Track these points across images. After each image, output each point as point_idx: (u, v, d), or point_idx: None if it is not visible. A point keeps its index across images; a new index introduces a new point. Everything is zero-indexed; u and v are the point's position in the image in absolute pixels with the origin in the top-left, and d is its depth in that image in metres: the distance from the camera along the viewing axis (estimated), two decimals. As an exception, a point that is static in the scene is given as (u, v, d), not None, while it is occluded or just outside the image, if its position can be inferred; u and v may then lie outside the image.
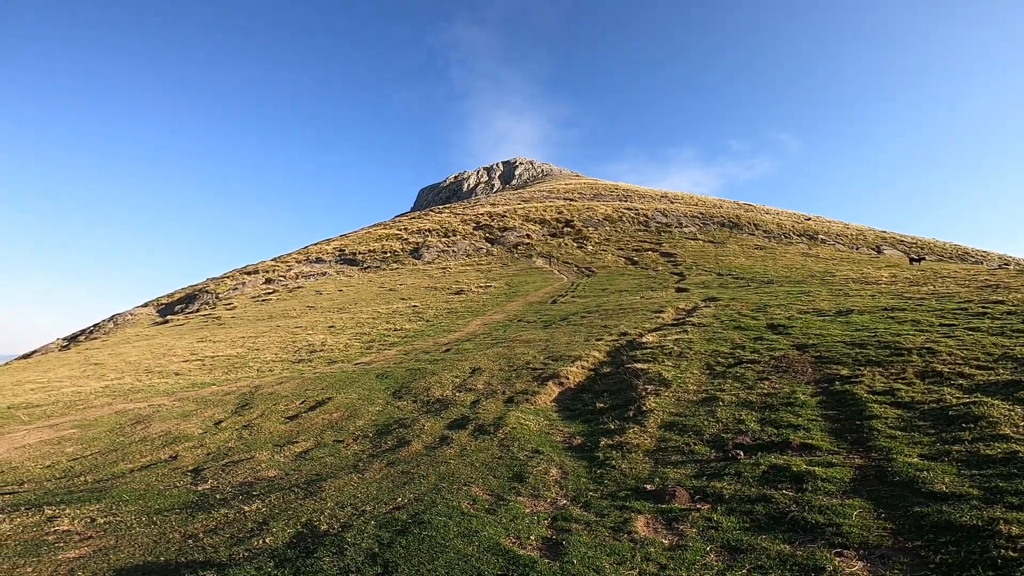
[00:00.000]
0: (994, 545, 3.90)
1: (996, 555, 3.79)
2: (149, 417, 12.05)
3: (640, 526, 4.98)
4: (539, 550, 4.66)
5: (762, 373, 9.53)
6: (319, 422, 10.47)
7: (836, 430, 6.76)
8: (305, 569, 4.47)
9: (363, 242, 51.49)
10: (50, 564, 5.13)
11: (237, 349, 21.21)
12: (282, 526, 5.56)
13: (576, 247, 44.14)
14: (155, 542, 5.59)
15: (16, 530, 6.05)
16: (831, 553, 4.16)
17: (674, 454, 6.75)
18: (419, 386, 12.09)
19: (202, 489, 7.50)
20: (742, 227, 47.97)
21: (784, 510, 4.93)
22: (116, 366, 20.89)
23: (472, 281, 34.37)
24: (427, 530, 4.98)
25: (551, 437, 8.19)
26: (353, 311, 28.21)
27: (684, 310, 18.09)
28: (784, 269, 30.56)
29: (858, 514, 4.70)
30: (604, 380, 10.96)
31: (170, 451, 9.69)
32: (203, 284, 46.65)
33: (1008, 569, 3.66)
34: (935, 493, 4.87)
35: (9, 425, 12.76)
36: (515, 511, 5.47)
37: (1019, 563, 3.68)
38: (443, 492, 6.08)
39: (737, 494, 5.39)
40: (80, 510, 6.58)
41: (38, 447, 10.57)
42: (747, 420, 7.36)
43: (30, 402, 15.39)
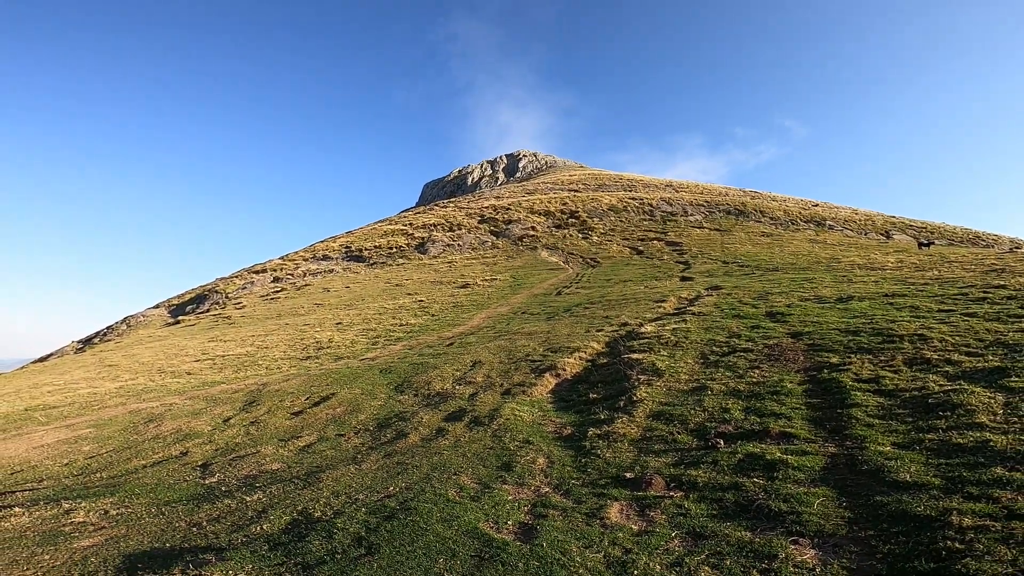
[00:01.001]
0: (942, 536, 4.01)
1: (942, 546, 3.90)
2: (161, 416, 12.43)
3: (614, 512, 5.19)
4: (514, 534, 4.94)
5: (754, 362, 9.64)
6: (323, 417, 10.78)
7: (816, 418, 6.86)
8: (296, 551, 4.83)
9: (369, 238, 51.87)
10: (66, 551, 5.46)
11: (247, 348, 21.64)
12: (279, 514, 5.90)
13: (581, 238, 44.18)
14: (162, 530, 5.94)
15: (35, 522, 6.39)
16: (787, 541, 4.32)
17: (658, 443, 6.93)
18: (420, 380, 12.36)
19: (209, 482, 7.82)
20: (748, 214, 47.69)
21: (752, 498, 5.09)
22: (130, 367, 21.41)
23: (477, 274, 34.59)
24: (412, 516, 5.28)
25: (543, 428, 8.40)
26: (360, 307, 28.57)
27: (686, 299, 18.17)
28: (790, 256, 30.46)
29: (820, 503, 4.84)
30: (600, 371, 11.14)
31: (181, 447, 10.03)
32: (213, 284, 47.34)
33: (950, 561, 3.74)
34: (899, 482, 4.97)
35: (28, 426, 13.23)
36: (498, 498, 5.74)
37: (963, 555, 3.76)
38: (433, 481, 6.36)
39: (711, 482, 5.56)
40: (95, 503, 6.92)
41: (56, 446, 10.97)
42: (732, 409, 7.50)
43: (47, 404, 15.88)
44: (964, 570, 3.61)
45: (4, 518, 6.51)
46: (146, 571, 4.74)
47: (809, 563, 4.04)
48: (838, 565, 3.98)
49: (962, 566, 3.65)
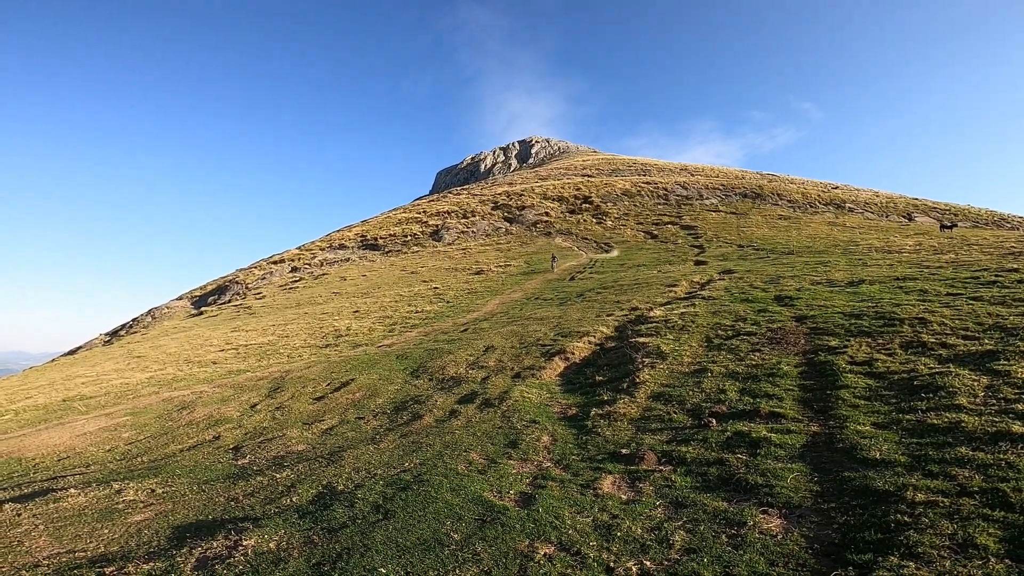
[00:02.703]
0: (894, 510, 4.36)
1: (892, 519, 4.25)
2: (193, 403, 13.15)
3: (606, 484, 5.68)
4: (514, 501, 5.51)
5: (756, 345, 9.94)
6: (343, 401, 11.38)
7: (806, 399, 7.20)
8: (322, 518, 5.45)
9: (384, 227, 52.54)
10: (122, 525, 6.07)
11: (268, 337, 22.42)
12: (306, 488, 6.52)
13: (595, 223, 44.30)
14: (204, 505, 6.56)
15: (91, 502, 7.01)
16: (757, 510, 4.75)
17: (655, 422, 7.36)
18: (435, 365, 12.88)
19: (241, 463, 8.44)
20: (765, 197, 47.25)
21: (733, 472, 5.52)
22: (158, 358, 22.35)
23: (491, 261, 35.03)
24: (424, 487, 5.87)
25: (549, 409, 8.87)
26: (376, 295, 29.24)
27: (698, 283, 18.39)
28: (807, 239, 30.33)
29: (793, 477, 5.23)
30: (608, 354, 11.53)
31: (213, 432, 10.69)
32: (233, 275, 48.54)
33: (897, 532, 4.08)
34: (868, 459, 5.33)
35: (68, 416, 14.07)
36: (503, 472, 6.29)
37: (908, 527, 4.08)
38: (445, 457, 6.93)
39: (698, 458, 5.99)
40: (141, 484, 7.55)
41: (97, 434, 11.71)
42: (729, 390, 7.87)
43: (83, 394, 16.78)
44: (907, 541, 3.94)
45: (62, 499, 7.11)
46: (193, 538, 5.31)
47: (774, 530, 4.45)
48: (798, 533, 4.38)
49: (905, 537, 3.98)
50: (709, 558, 4.15)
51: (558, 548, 4.51)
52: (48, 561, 5.07)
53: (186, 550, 4.98)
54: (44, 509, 6.76)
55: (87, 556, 5.16)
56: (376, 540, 4.83)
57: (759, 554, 4.13)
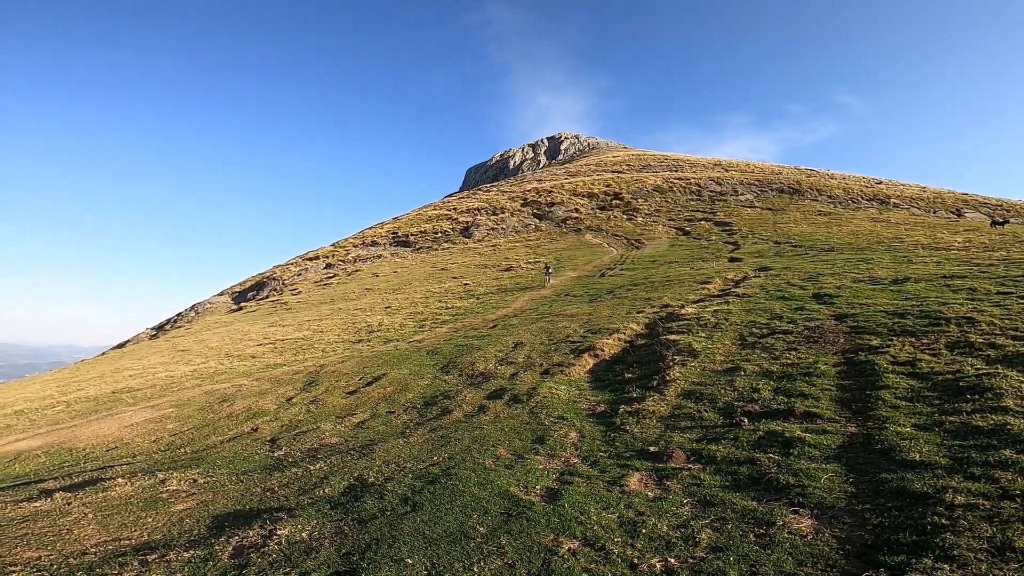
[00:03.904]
0: (932, 512, 4.22)
1: (928, 521, 4.12)
2: (233, 396, 13.61)
3: (633, 481, 5.65)
4: (540, 496, 5.55)
5: (792, 344, 9.69)
6: (375, 396, 11.60)
7: (844, 399, 7.01)
8: (353, 509, 5.61)
9: (415, 224, 53.17)
10: (165, 514, 6.35)
11: (303, 332, 23.02)
12: (338, 480, 6.72)
13: (625, 219, 43.78)
14: (242, 495, 6.81)
15: (137, 491, 7.35)
16: (788, 510, 4.66)
17: (684, 420, 7.27)
18: (465, 361, 13.00)
19: (277, 455, 8.71)
20: (804, 193, 45.80)
21: (764, 472, 5.41)
22: (200, 352, 23.22)
23: (521, 257, 35.05)
24: (452, 480, 5.99)
25: (577, 405, 8.86)
26: (407, 291, 29.65)
27: (732, 280, 18.02)
28: (849, 236, 29.29)
29: (827, 478, 5.11)
30: (638, 352, 11.42)
31: (251, 425, 11.05)
32: (271, 271, 49.96)
33: (932, 534, 3.95)
34: (907, 461, 5.16)
35: (117, 407, 14.77)
36: (530, 467, 6.34)
37: (945, 530, 3.95)
38: (473, 452, 7.03)
39: (728, 456, 5.90)
40: (184, 474, 7.87)
41: (143, 425, 12.25)
42: (762, 389, 7.70)
43: (131, 387, 17.56)
44: (942, 544, 3.82)
45: (110, 488, 7.48)
46: (232, 527, 5.54)
47: (804, 531, 4.36)
48: (829, 533, 4.28)
49: (941, 540, 3.86)
50: (735, 557, 4.10)
51: (582, 543, 4.54)
52: (95, 549, 5.32)
53: (224, 539, 5.20)
54: (93, 498, 7.11)
55: (132, 544, 5.41)
56: (404, 531, 4.95)
57: (787, 554, 4.07)
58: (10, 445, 12.01)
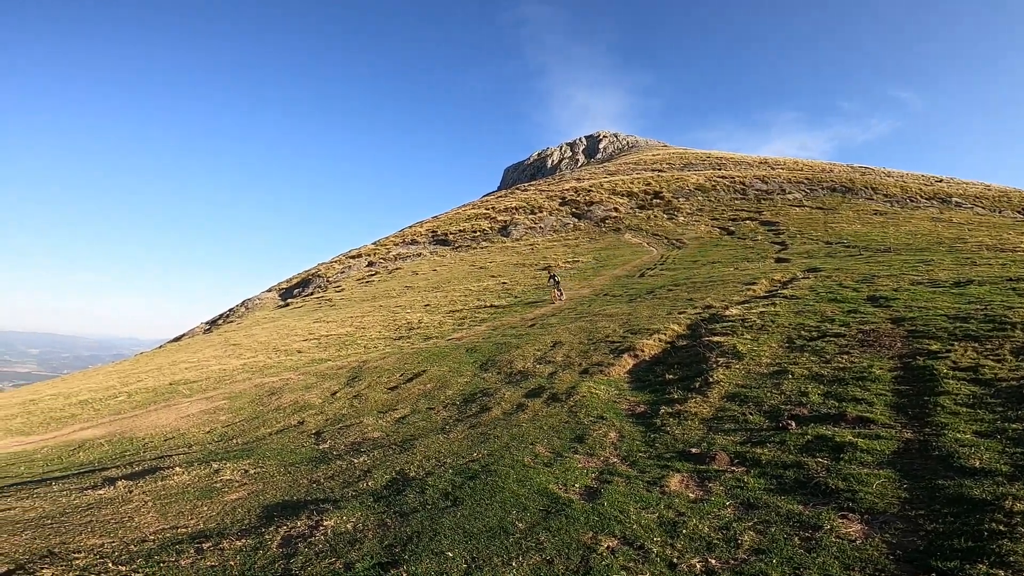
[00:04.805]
0: (989, 518, 4.03)
1: (985, 527, 3.95)
2: (281, 390, 14.12)
3: (674, 482, 5.56)
4: (579, 495, 5.54)
5: (844, 347, 9.32)
6: (415, 392, 11.81)
7: (900, 405, 6.72)
8: (395, 503, 5.75)
9: (453, 222, 53.70)
10: (220, 503, 6.65)
11: (346, 328, 23.63)
12: (381, 473, 6.89)
13: (666, 218, 42.96)
14: (290, 486, 7.06)
15: (193, 480, 7.71)
16: (836, 515, 4.52)
17: (728, 423, 7.10)
18: (503, 359, 13.07)
19: (323, 448, 8.99)
20: (857, 191, 43.78)
21: (812, 476, 5.24)
22: (250, 346, 24.17)
23: (559, 257, 34.90)
24: (491, 477, 6.05)
25: (617, 405, 8.77)
26: (446, 290, 30.00)
27: (779, 281, 17.45)
28: (906, 236, 27.87)
29: (879, 483, 4.93)
30: (679, 353, 11.21)
31: (298, 418, 11.44)
32: (315, 269, 51.49)
33: (989, 540, 3.79)
34: (966, 468, 4.95)
35: (175, 398, 15.55)
36: (568, 465, 6.34)
37: (1002, 536, 3.78)
38: (511, 449, 7.07)
39: (774, 460, 5.74)
40: (236, 464, 8.22)
41: (199, 416, 12.86)
42: (811, 393, 7.44)
43: (187, 379, 18.45)
44: (999, 550, 3.67)
45: (168, 477, 7.88)
46: (280, 518, 5.76)
47: (852, 535, 4.23)
48: (880, 539, 4.14)
49: (997, 546, 3.71)
50: (779, 559, 4.01)
51: (621, 542, 4.52)
52: (154, 536, 5.58)
53: (273, 528, 5.40)
54: (152, 486, 7.48)
55: (188, 532, 5.66)
56: (444, 525, 5.04)
57: (833, 557, 3.96)
58: (76, 433, 12.83)
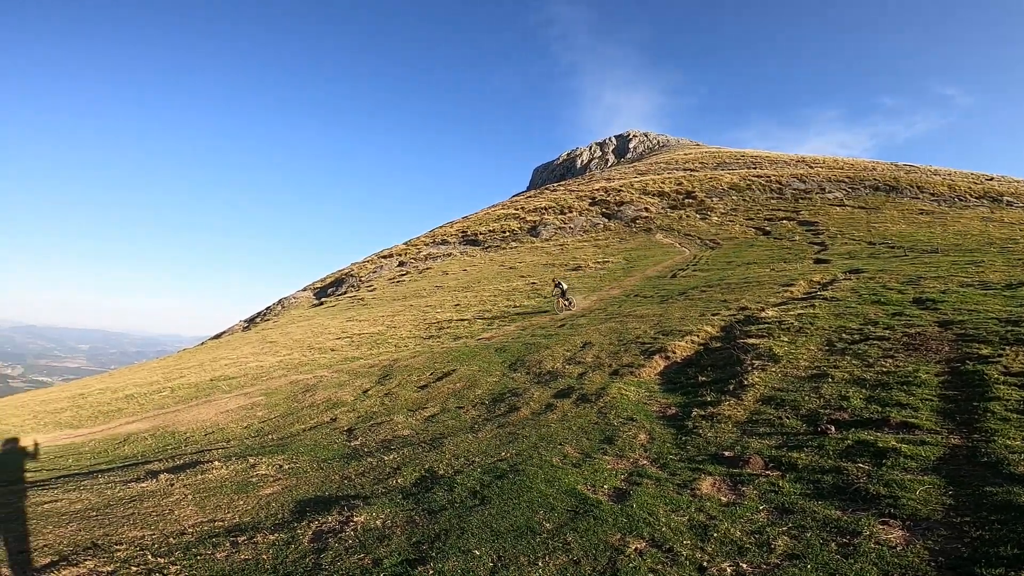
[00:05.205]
0: None
1: None
2: (314, 387, 14.42)
3: (706, 485, 5.45)
4: (608, 496, 5.49)
5: (888, 351, 8.97)
6: (444, 391, 11.89)
7: (947, 410, 6.45)
8: (423, 500, 5.81)
9: (483, 223, 53.92)
10: (255, 498, 6.81)
11: (378, 327, 23.99)
12: (411, 471, 6.96)
13: (699, 219, 42.15)
14: (322, 482, 7.19)
15: (231, 474, 7.91)
16: (876, 521, 4.36)
17: (763, 426, 6.91)
18: (533, 359, 13.05)
19: (354, 445, 9.12)
20: (902, 190, 42.08)
21: (852, 482, 5.07)
22: (286, 344, 24.78)
23: (589, 257, 34.66)
24: (520, 476, 6.04)
25: (647, 407, 8.65)
26: (476, 289, 30.15)
27: (818, 283, 16.92)
28: (955, 236, 26.64)
29: (923, 490, 4.75)
30: (712, 355, 10.98)
31: (331, 415, 11.64)
32: (348, 268, 52.51)
33: None
34: (1016, 475, 4.74)
35: (215, 394, 16.04)
36: (597, 466, 6.28)
37: None
38: (540, 449, 7.05)
39: (811, 464, 5.56)
40: (271, 459, 8.40)
41: (237, 411, 13.22)
42: (852, 397, 7.19)
43: (226, 375, 19.01)
44: None
45: (207, 471, 8.10)
46: (313, 513, 5.86)
47: (892, 541, 4.08)
48: (921, 545, 4.00)
49: None
50: (813, 565, 3.89)
51: (650, 544, 4.46)
52: (192, 529, 5.72)
53: (305, 523, 5.49)
54: (192, 480, 7.68)
55: (224, 525, 5.79)
56: (472, 524, 5.06)
57: (872, 564, 3.82)
58: (121, 427, 13.36)
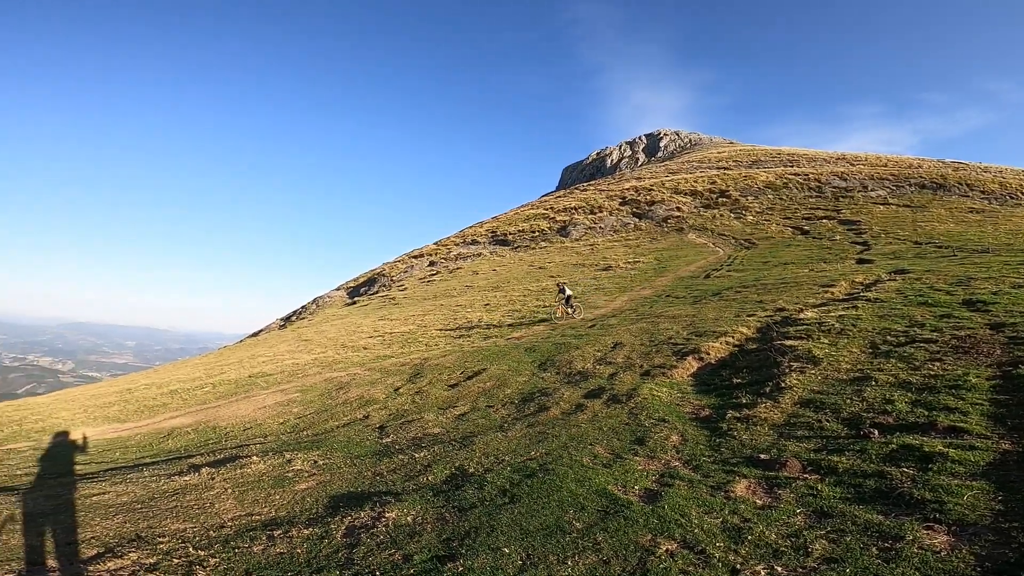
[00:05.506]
0: None
1: None
2: (348, 384, 14.68)
3: (740, 488, 5.32)
4: (639, 496, 5.42)
5: (936, 354, 8.58)
6: (474, 390, 11.95)
7: (999, 415, 6.15)
8: (454, 498, 5.85)
9: (513, 223, 53.98)
10: (291, 492, 6.97)
11: (409, 326, 24.30)
12: (441, 468, 7.02)
13: (733, 218, 41.22)
14: (355, 478, 7.32)
15: (268, 469, 8.11)
16: (920, 526, 4.20)
17: (801, 429, 6.71)
18: (563, 359, 12.99)
19: (386, 442, 9.26)
20: (950, 188, 40.23)
21: (895, 486, 4.89)
22: (320, 342, 25.33)
23: (619, 257, 34.31)
24: (549, 475, 6.02)
25: (680, 408, 8.50)
26: (506, 289, 30.21)
27: (861, 284, 16.33)
28: (1007, 235, 25.36)
29: (972, 495, 4.56)
30: (748, 356, 10.71)
31: (363, 412, 11.84)
32: (380, 268, 53.35)
33: None
34: None
35: (253, 390, 16.49)
36: (628, 467, 6.21)
37: None
38: (570, 449, 7.01)
39: (852, 468, 5.39)
40: (307, 455, 8.59)
41: (274, 407, 13.57)
42: (897, 401, 6.91)
43: (264, 372, 19.53)
44: None
45: (246, 465, 8.33)
46: (346, 508, 5.98)
47: (937, 547, 3.94)
48: (967, 551, 3.85)
49: None
50: (853, 569, 3.77)
51: (681, 545, 4.39)
52: (232, 523, 5.88)
53: (338, 518, 5.59)
54: (232, 474, 7.89)
55: (261, 519, 5.93)
56: (502, 522, 5.07)
57: (914, 568, 3.68)
58: (165, 422, 13.87)
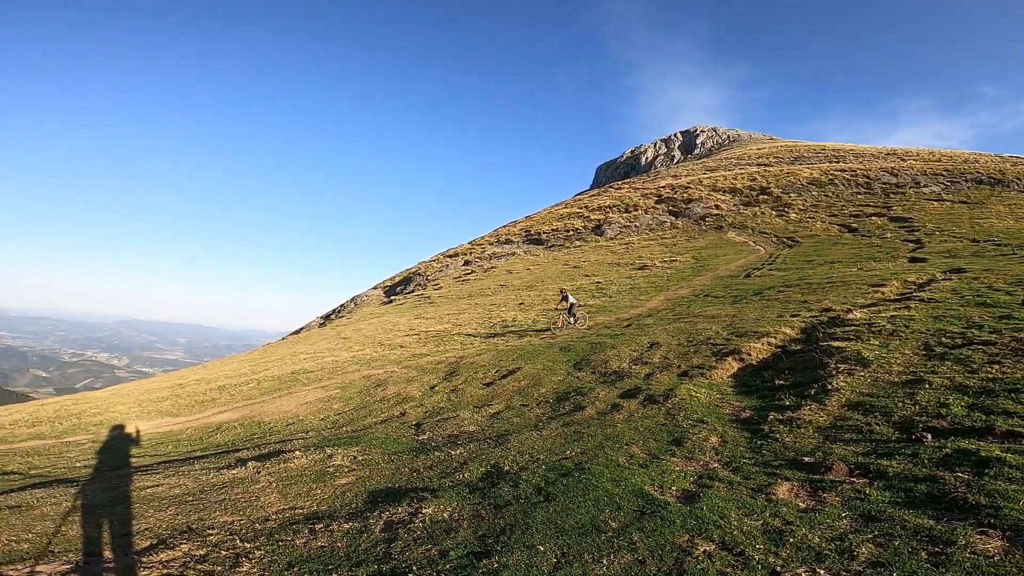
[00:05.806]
0: None
1: None
2: (385, 382, 14.97)
3: (782, 490, 5.15)
4: (676, 497, 5.31)
5: (995, 356, 8.10)
6: (509, 388, 11.99)
7: (1060, 420, 5.72)
8: (489, 495, 5.90)
9: (546, 222, 53.87)
10: (331, 487, 7.15)
11: (444, 325, 24.57)
12: (477, 466, 7.08)
13: (775, 215, 39.97)
14: (392, 473, 7.45)
15: (310, 464, 8.34)
16: (973, 531, 4.01)
17: (849, 432, 6.44)
18: (598, 359, 12.89)
19: (422, 439, 9.40)
20: (1009, 184, 37.91)
21: (948, 491, 4.66)
22: (358, 340, 25.89)
23: (656, 256, 33.77)
24: (585, 475, 5.99)
25: (719, 409, 8.31)
26: (540, 288, 30.18)
27: (914, 283, 15.57)
28: (1072, 232, 23.78)
29: None
30: (791, 358, 10.37)
31: (400, 409, 12.05)
32: (416, 267, 54.16)
33: None
34: None
35: (295, 386, 17.01)
36: (665, 468, 6.10)
37: None
38: (606, 449, 6.96)
39: (903, 473, 5.15)
40: (346, 451, 8.79)
41: (315, 404, 13.96)
42: (952, 404, 6.56)
43: (305, 369, 20.11)
44: None
45: (289, 460, 8.58)
46: (384, 503, 6.10)
47: (990, 551, 3.76)
48: (1021, 556, 3.66)
49: None
50: (900, 573, 3.63)
51: (719, 547, 4.29)
52: (276, 516, 6.06)
53: (377, 513, 5.70)
54: (276, 468, 8.14)
55: (303, 513, 6.10)
56: (537, 520, 5.08)
57: (965, 573, 3.54)
58: (214, 416, 14.45)
